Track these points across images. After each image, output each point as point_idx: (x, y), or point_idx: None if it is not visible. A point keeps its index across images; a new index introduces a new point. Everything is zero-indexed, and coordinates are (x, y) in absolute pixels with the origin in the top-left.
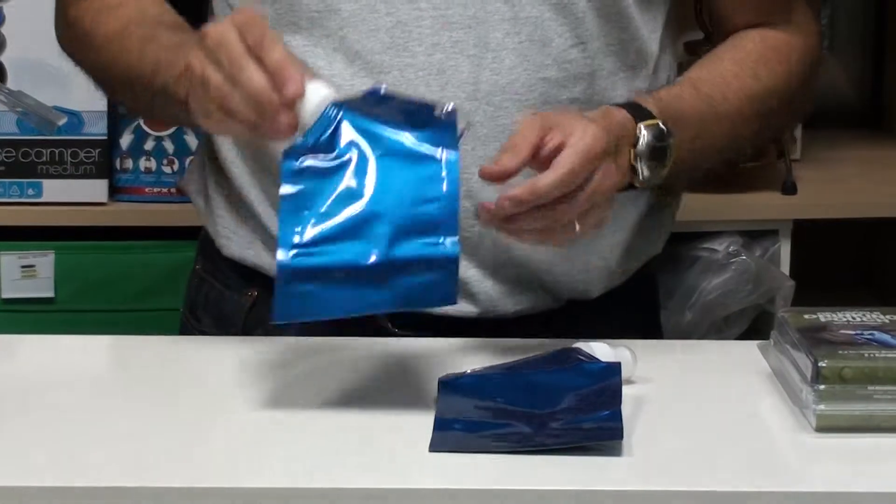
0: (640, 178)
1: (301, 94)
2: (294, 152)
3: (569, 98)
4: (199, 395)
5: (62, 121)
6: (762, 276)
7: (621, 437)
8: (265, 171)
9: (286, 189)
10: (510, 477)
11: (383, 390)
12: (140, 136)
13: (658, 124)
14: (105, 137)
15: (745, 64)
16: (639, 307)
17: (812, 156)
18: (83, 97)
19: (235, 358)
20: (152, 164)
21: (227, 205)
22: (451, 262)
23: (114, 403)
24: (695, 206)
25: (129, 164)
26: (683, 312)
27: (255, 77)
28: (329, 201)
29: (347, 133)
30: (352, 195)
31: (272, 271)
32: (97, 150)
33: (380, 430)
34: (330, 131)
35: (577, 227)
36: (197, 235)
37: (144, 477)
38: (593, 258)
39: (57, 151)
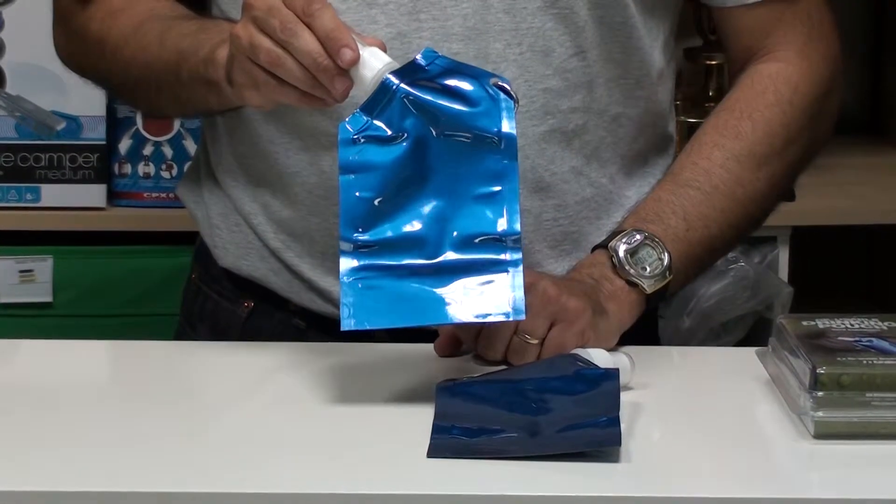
0: (644, 285)
1: (356, 61)
2: (351, 125)
3: (569, 107)
4: (196, 400)
5: (60, 125)
6: (760, 282)
7: (619, 443)
8: (262, 182)
9: (345, 164)
10: (508, 483)
11: (381, 396)
12: (138, 141)
13: (622, 231)
14: (103, 142)
15: (726, 127)
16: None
17: None
18: (81, 102)
19: (232, 364)
20: (151, 169)
21: (223, 214)
22: (514, 265)
23: (112, 408)
24: None
25: (128, 169)
26: (681, 319)
27: (309, 41)
28: (389, 186)
29: (405, 108)
30: (411, 181)
31: (267, 282)
32: (95, 155)
33: (377, 436)
34: (388, 104)
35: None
36: (195, 241)
37: (142, 482)
38: None
39: (55, 156)
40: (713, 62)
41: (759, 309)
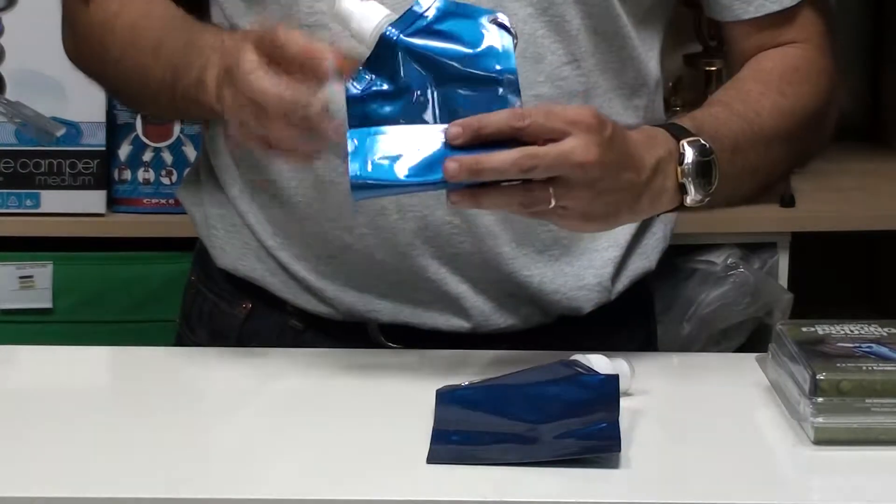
0: (690, 196)
1: (336, 68)
2: (357, 83)
3: None
4: (196, 406)
5: (60, 131)
6: (760, 288)
7: (619, 449)
8: (258, 186)
9: (353, 121)
10: (508, 489)
11: (381, 402)
12: (138, 147)
13: (699, 140)
14: (103, 148)
15: (771, 83)
16: (632, 322)
17: (810, 168)
18: (81, 108)
19: (232, 370)
20: (150, 175)
21: (221, 215)
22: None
23: (112, 415)
24: (693, 219)
25: (128, 174)
26: (681, 325)
27: (282, 129)
28: (396, 131)
29: (407, 60)
30: (418, 124)
31: (264, 283)
32: (95, 161)
33: (377, 442)
34: (390, 58)
35: (553, 200)
36: (195, 246)
37: (141, 488)
38: (586, 275)
39: (55, 162)
40: (713, 68)
41: (759, 315)
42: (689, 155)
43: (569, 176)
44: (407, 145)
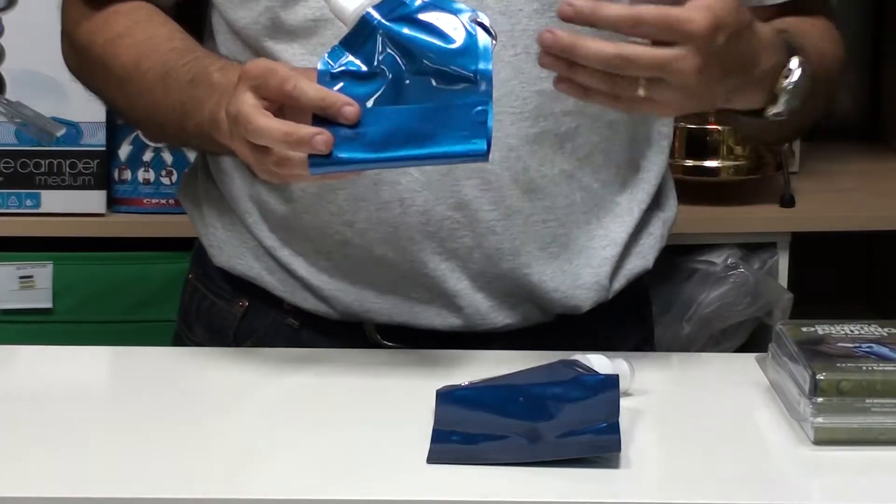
0: (775, 109)
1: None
2: (331, 59)
3: (562, 111)
4: (195, 406)
5: (60, 131)
6: (760, 288)
7: (619, 449)
8: (256, 180)
9: None
10: (508, 489)
11: (380, 402)
12: (138, 147)
13: (808, 64)
14: (103, 148)
15: (819, 32)
16: (629, 322)
17: (810, 168)
18: (81, 108)
19: (232, 370)
20: (150, 175)
21: (218, 214)
22: (482, 113)
23: (111, 415)
24: (693, 219)
25: (128, 175)
26: (681, 325)
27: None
28: (367, 116)
29: (384, 44)
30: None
31: (261, 281)
32: (95, 161)
33: (377, 442)
34: (367, 40)
35: (641, 91)
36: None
37: (141, 488)
38: (583, 273)
39: (55, 162)
40: None
41: (759, 315)
42: (797, 74)
43: (666, 78)
44: (368, 123)
